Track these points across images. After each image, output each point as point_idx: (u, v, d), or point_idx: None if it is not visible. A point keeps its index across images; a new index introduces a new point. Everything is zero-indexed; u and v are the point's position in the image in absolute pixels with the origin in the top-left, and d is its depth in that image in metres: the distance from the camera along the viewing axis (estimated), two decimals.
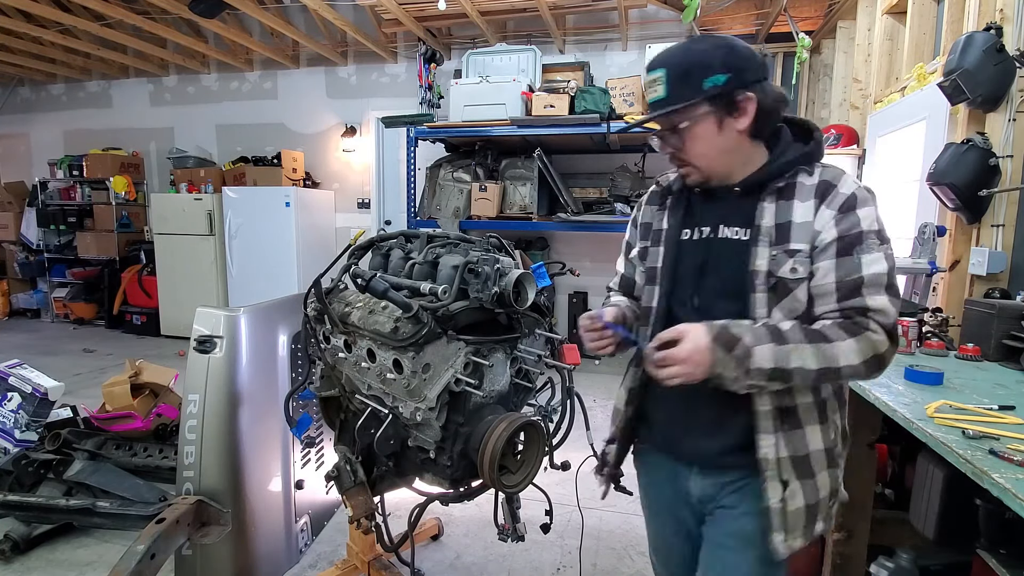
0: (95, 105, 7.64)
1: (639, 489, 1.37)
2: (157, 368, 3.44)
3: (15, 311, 7.58)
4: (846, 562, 1.93)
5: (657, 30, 5.62)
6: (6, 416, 2.70)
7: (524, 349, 1.58)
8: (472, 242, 1.62)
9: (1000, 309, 1.94)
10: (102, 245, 6.98)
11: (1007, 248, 2.38)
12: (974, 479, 1.11)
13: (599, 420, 3.98)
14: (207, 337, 1.87)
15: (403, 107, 6.12)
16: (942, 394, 1.55)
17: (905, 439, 2.00)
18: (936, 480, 1.50)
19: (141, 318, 6.67)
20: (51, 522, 2.44)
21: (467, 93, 4.77)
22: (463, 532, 2.56)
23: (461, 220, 4.93)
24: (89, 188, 7.13)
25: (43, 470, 2.52)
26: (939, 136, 2.78)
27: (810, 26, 5.07)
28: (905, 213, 3.23)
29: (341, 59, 6.49)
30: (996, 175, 2.35)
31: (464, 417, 1.43)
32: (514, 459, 1.47)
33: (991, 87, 2.32)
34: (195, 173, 6.57)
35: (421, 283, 1.48)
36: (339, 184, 6.81)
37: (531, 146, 4.69)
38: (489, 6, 5.08)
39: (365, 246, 1.83)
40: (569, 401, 1.62)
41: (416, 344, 1.35)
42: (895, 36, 3.68)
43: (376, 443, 1.45)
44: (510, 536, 1.66)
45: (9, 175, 7.92)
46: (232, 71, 6.97)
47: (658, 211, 1.29)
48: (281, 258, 6.11)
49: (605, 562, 2.36)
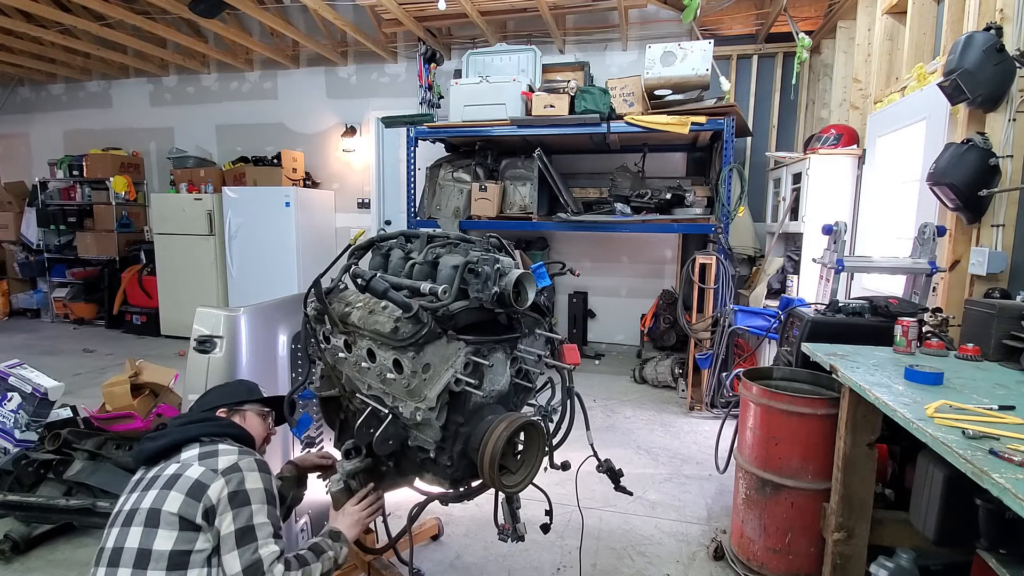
0: (95, 105, 7.65)
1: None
2: (157, 368, 3.45)
3: (15, 311, 7.58)
4: (846, 562, 1.94)
5: (657, 30, 5.63)
6: (6, 416, 2.70)
7: (524, 349, 1.58)
8: (472, 242, 1.61)
9: (1000, 309, 1.94)
10: (102, 245, 6.98)
11: (1007, 248, 2.38)
12: (974, 479, 1.11)
13: (599, 420, 3.98)
14: (207, 337, 1.87)
15: (403, 107, 6.12)
16: (942, 394, 1.55)
17: (905, 439, 2.00)
18: (936, 480, 1.50)
19: (141, 318, 6.67)
20: (51, 522, 2.44)
21: (467, 93, 4.77)
22: (463, 532, 2.57)
23: (461, 220, 4.93)
24: (89, 188, 7.13)
25: (43, 470, 2.51)
26: (939, 136, 2.78)
27: (810, 26, 5.07)
28: (905, 213, 3.23)
29: (341, 59, 6.49)
30: (996, 175, 2.35)
31: (464, 417, 1.43)
32: (514, 459, 1.47)
33: (991, 87, 2.32)
34: (195, 173, 6.58)
35: (421, 283, 1.48)
36: (339, 184, 6.81)
37: (531, 146, 4.69)
38: (489, 6, 5.08)
39: (365, 246, 1.83)
40: (569, 401, 1.62)
41: (416, 344, 1.35)
42: (895, 36, 3.68)
43: (376, 443, 1.45)
44: (510, 536, 1.65)
45: (9, 175, 7.92)
46: (232, 71, 6.97)
47: None
48: (281, 258, 6.12)
49: (605, 562, 2.36)
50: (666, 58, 4.23)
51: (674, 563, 2.36)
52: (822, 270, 2.96)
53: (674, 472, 3.20)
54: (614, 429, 3.82)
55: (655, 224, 4.83)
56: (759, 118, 5.48)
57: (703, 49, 4.18)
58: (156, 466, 1.40)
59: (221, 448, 1.40)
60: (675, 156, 5.75)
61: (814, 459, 2.09)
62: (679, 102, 4.47)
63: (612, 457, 1.75)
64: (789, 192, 4.33)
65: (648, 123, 4.31)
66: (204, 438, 1.43)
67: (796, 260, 4.16)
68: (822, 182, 3.89)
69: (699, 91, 4.45)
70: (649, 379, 4.81)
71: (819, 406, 2.07)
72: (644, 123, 4.32)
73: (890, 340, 2.10)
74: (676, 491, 2.97)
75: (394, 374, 1.40)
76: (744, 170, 4.45)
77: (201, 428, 1.47)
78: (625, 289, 6.07)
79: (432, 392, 1.37)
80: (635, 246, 5.99)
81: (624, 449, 3.48)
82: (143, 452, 1.43)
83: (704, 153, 5.53)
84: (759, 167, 5.44)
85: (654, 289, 5.83)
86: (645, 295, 5.89)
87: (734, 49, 5.42)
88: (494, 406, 1.50)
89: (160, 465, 1.40)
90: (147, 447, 1.43)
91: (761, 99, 5.47)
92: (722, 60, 5.30)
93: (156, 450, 1.42)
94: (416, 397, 1.39)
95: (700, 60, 4.18)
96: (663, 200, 4.87)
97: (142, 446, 1.45)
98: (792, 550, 2.16)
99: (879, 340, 2.18)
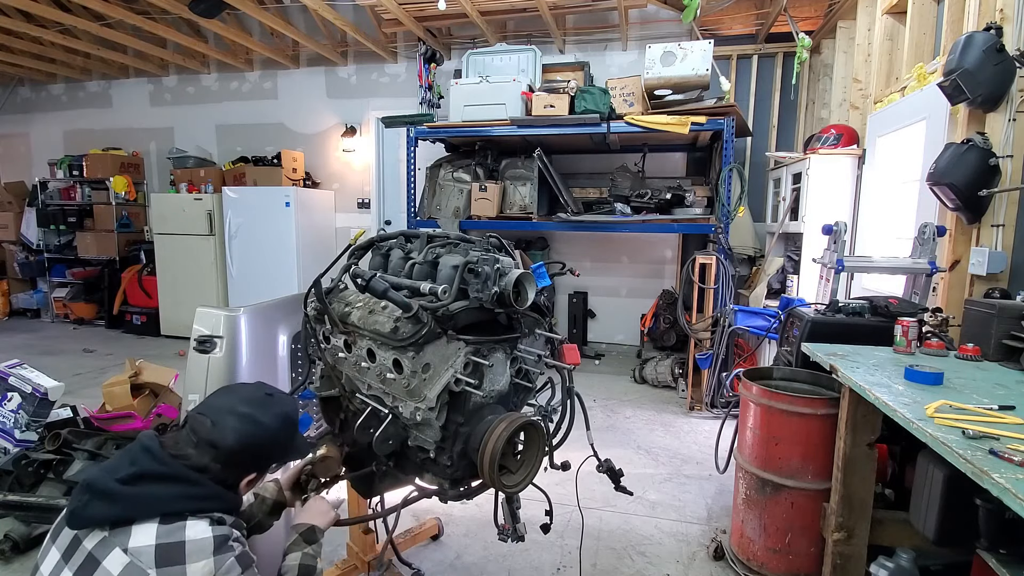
0: (95, 105, 7.65)
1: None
2: (157, 368, 3.45)
3: (15, 311, 7.58)
4: (846, 562, 1.94)
5: (657, 30, 5.63)
6: (6, 416, 2.70)
7: (524, 349, 1.58)
8: (472, 242, 1.61)
9: (1000, 309, 1.94)
10: (102, 245, 6.98)
11: (1007, 248, 2.38)
12: (974, 479, 1.11)
13: (599, 420, 3.98)
14: (207, 337, 1.86)
15: (403, 107, 6.12)
16: (942, 394, 1.55)
17: (905, 439, 2.00)
18: (936, 480, 1.50)
19: (141, 318, 6.67)
20: (51, 522, 2.41)
21: (467, 93, 4.77)
22: (463, 532, 2.56)
23: (461, 220, 4.93)
24: (89, 188, 7.13)
25: (43, 470, 2.52)
26: (939, 136, 2.78)
27: (810, 26, 5.07)
28: (905, 213, 3.23)
29: (341, 59, 6.49)
30: (996, 175, 2.35)
31: (464, 417, 1.43)
32: (514, 459, 1.47)
33: (991, 87, 2.32)
34: (195, 173, 6.57)
35: (421, 283, 1.48)
36: (339, 184, 6.81)
37: (531, 146, 4.69)
38: (489, 6, 5.08)
39: (365, 246, 1.83)
40: (569, 401, 1.62)
41: (416, 344, 1.35)
42: (895, 36, 3.68)
43: (376, 443, 1.45)
44: (510, 536, 1.65)
45: (9, 175, 7.92)
46: (232, 71, 6.97)
47: None
48: (281, 258, 6.11)
49: (605, 562, 2.36)
50: (666, 58, 4.23)
51: (674, 563, 2.36)
52: (822, 270, 2.96)
53: (674, 472, 3.20)
54: (614, 429, 3.82)
55: (655, 224, 4.83)
56: (759, 118, 5.48)
57: (703, 49, 4.18)
58: (90, 534, 1.03)
59: (190, 541, 1.03)
60: (675, 156, 5.75)
61: (814, 459, 2.09)
62: (679, 102, 4.47)
63: (612, 457, 1.75)
64: (789, 192, 4.33)
65: (648, 123, 4.31)
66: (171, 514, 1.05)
67: (796, 260, 4.16)
68: (822, 182, 3.89)
69: (699, 91, 4.45)
70: (649, 379, 4.81)
71: (819, 406, 2.07)
72: (644, 123, 4.32)
73: (890, 340, 2.10)
74: (676, 491, 2.97)
75: (394, 374, 1.40)
76: (744, 170, 4.45)
77: (177, 503, 1.06)
78: (625, 289, 6.07)
79: (432, 392, 1.37)
80: (635, 246, 5.99)
81: (624, 449, 3.48)
82: (83, 516, 1.03)
83: (704, 153, 5.53)
84: (759, 167, 5.44)
85: (654, 289, 5.83)
86: (645, 295, 5.89)
87: (734, 49, 5.42)
88: (494, 406, 1.50)
89: (99, 539, 1.02)
90: (91, 512, 1.02)
91: (761, 99, 5.47)
92: (722, 60, 5.30)
93: (100, 519, 1.03)
94: (416, 397, 1.39)
95: (700, 60, 4.18)
96: (663, 200, 4.87)
97: (82, 505, 1.02)
98: (792, 550, 2.16)
99: (879, 340, 2.18)
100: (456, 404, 1.42)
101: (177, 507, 1.06)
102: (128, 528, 1.02)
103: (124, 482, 1.05)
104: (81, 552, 1.03)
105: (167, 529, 1.03)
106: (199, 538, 1.04)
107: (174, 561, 1.01)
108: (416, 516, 2.60)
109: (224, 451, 1.15)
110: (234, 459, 1.16)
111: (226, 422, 1.17)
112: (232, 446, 1.15)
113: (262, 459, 1.24)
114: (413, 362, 1.36)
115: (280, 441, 1.25)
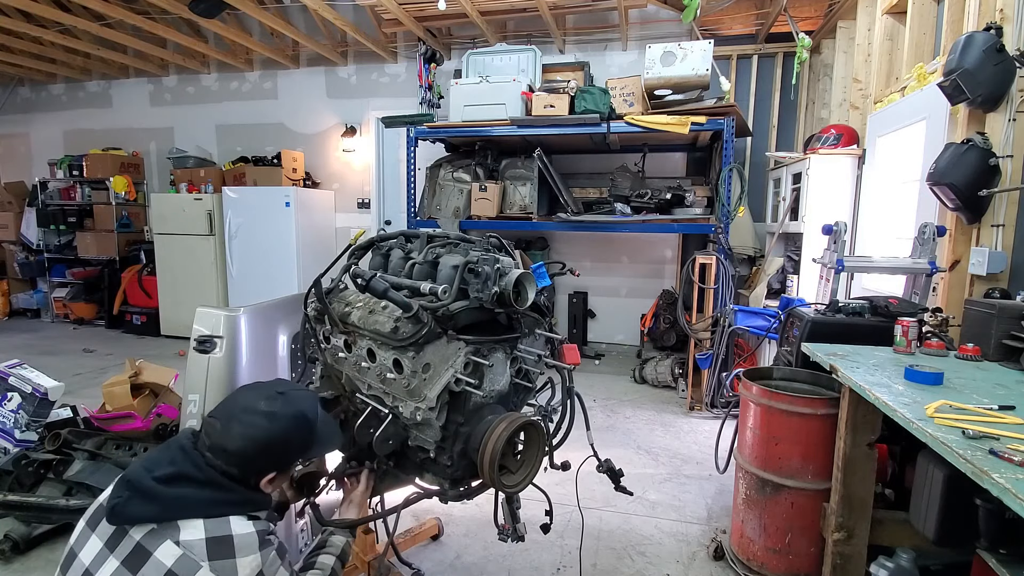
0: (95, 105, 7.65)
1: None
2: (157, 368, 3.45)
3: (15, 311, 7.58)
4: (846, 562, 1.94)
5: (657, 30, 5.63)
6: (6, 416, 2.70)
7: (524, 349, 1.58)
8: (472, 242, 1.62)
9: (1000, 309, 1.94)
10: (102, 245, 6.98)
11: (1007, 248, 2.38)
12: (974, 479, 1.11)
13: (599, 420, 3.98)
14: (207, 337, 1.86)
15: (403, 107, 6.12)
16: (942, 394, 1.55)
17: (905, 439, 2.00)
18: (936, 480, 1.50)
19: (141, 318, 6.67)
20: (51, 522, 2.44)
21: (467, 93, 4.77)
22: (463, 532, 2.56)
23: (461, 220, 4.93)
24: (89, 188, 7.13)
25: (43, 470, 2.51)
26: (939, 136, 2.78)
27: (810, 26, 5.07)
28: (905, 213, 3.23)
29: (341, 59, 6.49)
30: (996, 175, 2.35)
31: (464, 417, 1.43)
32: (514, 459, 1.47)
33: (991, 87, 2.32)
34: (195, 173, 6.57)
35: (421, 283, 1.48)
36: (339, 184, 6.81)
37: (531, 146, 4.69)
38: (489, 6, 5.08)
39: (365, 246, 1.83)
40: (569, 401, 1.62)
41: (416, 344, 1.35)
42: (895, 36, 3.68)
43: (376, 443, 1.45)
44: (510, 536, 1.65)
45: (9, 175, 7.92)
46: (232, 71, 6.97)
47: None
48: (281, 258, 6.12)
49: (605, 562, 2.36)
50: (666, 58, 4.23)
51: (674, 563, 2.36)
52: (822, 270, 2.96)
53: (674, 472, 3.20)
54: (614, 429, 3.82)
55: (655, 224, 4.83)
56: (759, 118, 5.48)
57: (703, 49, 4.18)
58: (140, 528, 1.07)
59: (237, 535, 1.08)
60: (675, 156, 5.75)
61: (814, 459, 2.09)
62: (679, 102, 4.47)
63: (612, 457, 1.75)
64: (789, 192, 4.33)
65: (648, 123, 4.31)
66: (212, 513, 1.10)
67: (796, 260, 4.16)
68: (822, 182, 3.89)
69: (699, 91, 4.45)
70: (649, 379, 4.81)
71: (819, 406, 2.07)
72: (644, 123, 4.32)
73: (890, 340, 2.10)
74: (676, 491, 2.97)
75: (394, 374, 1.40)
76: (744, 170, 4.45)
77: (214, 509, 1.10)
78: (625, 289, 6.07)
79: (432, 392, 1.37)
80: (635, 246, 5.99)
81: (624, 449, 3.48)
82: (124, 514, 1.06)
83: (704, 153, 5.53)
84: (759, 167, 5.44)
85: (654, 289, 5.83)
86: (645, 295, 5.89)
87: (734, 49, 5.42)
88: (494, 406, 1.50)
89: (148, 530, 1.06)
90: (132, 510, 1.05)
91: (761, 99, 5.47)
92: (722, 60, 5.30)
93: (140, 517, 1.07)
94: (416, 397, 1.39)
95: (700, 60, 4.18)
96: (663, 200, 4.87)
97: (123, 502, 1.05)
98: (792, 550, 2.16)
99: (879, 340, 2.18)
100: (456, 404, 1.43)
101: (214, 512, 1.10)
102: (174, 522, 1.07)
103: (161, 481, 1.09)
104: (129, 541, 1.06)
105: (214, 524, 1.08)
106: (245, 532, 1.10)
107: (225, 555, 1.06)
108: (416, 516, 2.60)
109: (233, 454, 1.15)
110: (245, 460, 1.17)
111: (232, 425, 1.18)
112: (239, 449, 1.16)
113: (276, 458, 1.22)
114: (413, 362, 1.36)
115: (294, 439, 1.23)
